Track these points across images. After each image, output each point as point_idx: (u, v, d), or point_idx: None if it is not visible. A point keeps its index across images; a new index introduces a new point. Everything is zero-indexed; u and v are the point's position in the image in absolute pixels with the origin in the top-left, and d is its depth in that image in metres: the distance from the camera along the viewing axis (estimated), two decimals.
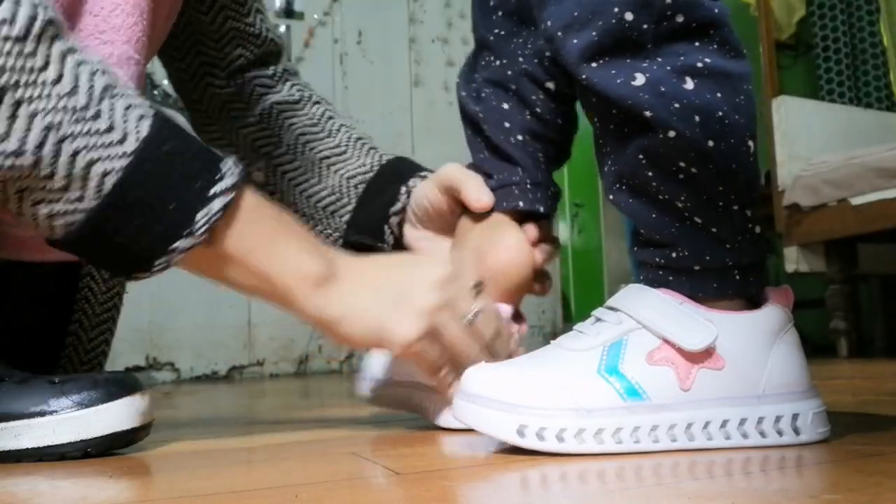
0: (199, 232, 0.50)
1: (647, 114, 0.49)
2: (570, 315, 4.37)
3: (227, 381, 2.23)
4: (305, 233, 0.56)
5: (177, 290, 2.25)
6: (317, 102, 0.82)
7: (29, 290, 0.67)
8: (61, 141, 0.47)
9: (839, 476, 0.42)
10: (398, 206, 0.72)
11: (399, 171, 0.75)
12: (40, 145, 0.47)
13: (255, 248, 0.53)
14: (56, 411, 0.54)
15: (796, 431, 0.50)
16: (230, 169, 0.52)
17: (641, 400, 0.49)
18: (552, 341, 0.54)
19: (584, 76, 0.51)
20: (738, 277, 0.52)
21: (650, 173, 0.51)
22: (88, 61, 0.49)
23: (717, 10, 0.51)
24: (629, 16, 0.49)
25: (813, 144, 2.24)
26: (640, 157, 0.51)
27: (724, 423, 0.50)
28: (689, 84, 0.50)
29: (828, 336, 2.16)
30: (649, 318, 0.51)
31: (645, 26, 0.49)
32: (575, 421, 0.48)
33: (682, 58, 0.50)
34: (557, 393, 0.49)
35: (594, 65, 0.50)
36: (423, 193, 0.70)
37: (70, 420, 0.54)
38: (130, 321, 2.22)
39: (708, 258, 0.51)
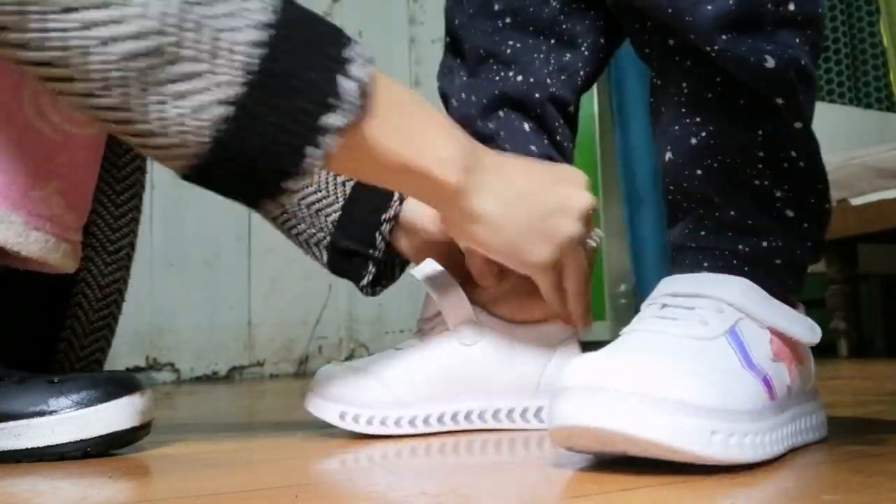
0: (349, 101, 0.44)
1: (779, 100, 0.49)
2: None
3: (227, 381, 2.23)
4: (442, 115, 0.52)
5: (177, 290, 2.25)
6: None
7: (23, 295, 0.67)
8: (199, 11, 0.42)
9: (839, 476, 0.42)
10: (390, 213, 0.66)
11: None
12: (181, 18, 0.41)
13: (400, 127, 0.48)
14: (55, 411, 0.54)
15: (817, 429, 0.51)
16: (355, 38, 0.47)
17: (773, 399, 0.45)
18: (632, 327, 0.48)
19: (716, 47, 0.48)
20: (802, 276, 0.52)
21: (761, 154, 0.50)
22: None
23: (819, 10, 0.51)
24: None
25: None
26: (759, 137, 0.49)
27: (801, 420, 0.48)
28: (797, 80, 0.49)
29: (828, 336, 2.16)
30: (752, 307, 0.47)
31: (769, 5, 0.49)
32: (750, 425, 0.41)
33: (790, 50, 0.49)
34: (728, 392, 0.41)
35: (725, 36, 0.48)
36: (419, 220, 0.65)
37: (69, 420, 0.54)
38: (130, 322, 2.22)
39: (798, 252, 0.51)
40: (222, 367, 2.34)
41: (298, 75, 0.44)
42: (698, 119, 0.51)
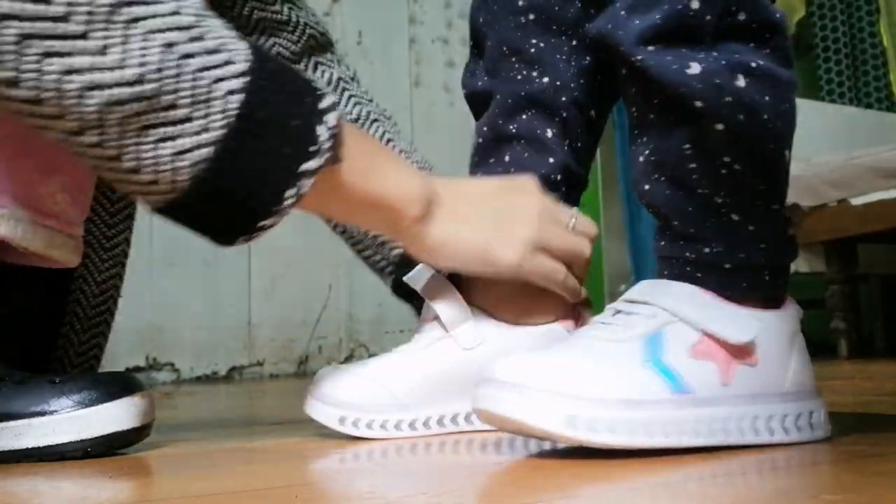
0: (325, 148, 0.48)
1: (698, 104, 0.49)
2: None
3: (227, 381, 2.23)
4: (396, 153, 0.56)
5: (177, 290, 2.26)
6: (375, 121, 0.76)
7: (21, 293, 0.67)
8: (181, 59, 0.43)
9: (839, 476, 0.42)
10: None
11: None
12: (161, 68, 0.43)
13: (366, 169, 0.52)
14: (56, 411, 0.54)
15: (812, 428, 0.51)
16: (324, 87, 0.51)
17: (686, 393, 0.48)
18: (574, 332, 0.53)
19: (638, 57, 0.50)
20: (767, 278, 0.52)
21: (693, 165, 0.51)
22: None
23: (777, 16, 0.52)
24: (695, 4, 0.49)
25: (813, 145, 2.24)
26: (686, 147, 0.51)
27: (755, 420, 0.49)
28: (741, 81, 0.49)
29: (828, 336, 2.16)
30: (687, 311, 0.50)
31: (708, 17, 0.50)
32: (625, 413, 0.46)
33: (736, 55, 0.50)
34: (607, 383, 0.47)
35: (651, 48, 0.50)
36: None
37: (70, 420, 0.54)
38: (130, 321, 2.22)
39: (742, 255, 0.51)
40: (222, 367, 2.34)
41: (279, 122, 0.47)
42: (644, 139, 0.53)
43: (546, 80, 0.64)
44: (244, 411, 1.12)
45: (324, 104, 0.49)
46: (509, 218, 0.58)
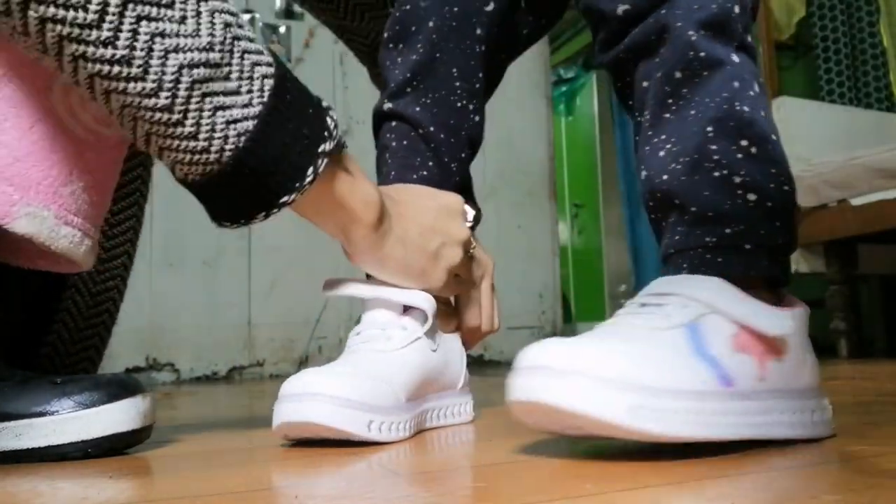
0: (335, 134, 0.53)
1: (736, 84, 0.55)
2: (570, 315, 4.37)
3: (227, 381, 2.23)
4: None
5: (177, 290, 2.26)
6: None
7: (11, 298, 0.66)
8: (235, 40, 0.49)
9: (839, 476, 0.42)
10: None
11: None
12: (223, 41, 0.48)
13: (338, 171, 0.56)
14: (57, 412, 0.54)
15: (823, 424, 0.52)
16: (334, 113, 0.55)
17: (729, 386, 0.47)
18: (611, 319, 0.51)
19: (692, 36, 0.55)
20: (781, 260, 0.54)
21: (714, 146, 0.53)
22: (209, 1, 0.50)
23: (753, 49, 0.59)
24: (737, 9, 0.57)
25: (813, 145, 2.24)
26: (709, 129, 0.54)
27: (782, 415, 0.49)
28: (756, 87, 0.56)
29: (828, 336, 2.16)
30: (722, 303, 0.49)
31: (740, 24, 0.57)
32: (683, 403, 0.44)
33: (751, 64, 0.57)
34: (663, 372, 0.45)
35: (702, 32, 0.55)
36: None
37: (71, 420, 0.54)
38: (130, 321, 2.22)
39: (762, 233, 0.53)
40: (222, 367, 2.34)
41: (301, 107, 0.52)
42: (663, 135, 0.56)
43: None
44: (244, 411, 1.12)
45: (325, 104, 0.55)
46: (443, 246, 0.65)
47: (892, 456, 0.46)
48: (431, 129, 0.71)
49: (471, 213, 0.70)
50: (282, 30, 2.52)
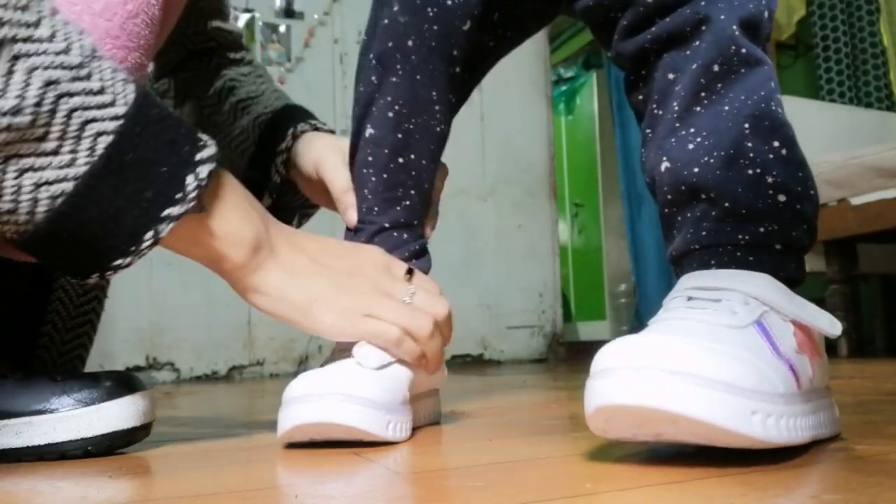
0: (190, 197, 0.50)
1: (772, 84, 0.55)
2: (571, 315, 4.37)
3: (227, 381, 2.23)
4: (248, 196, 0.57)
5: (177, 290, 2.26)
6: (258, 70, 0.88)
7: (2, 290, 0.66)
8: (59, 98, 0.46)
9: (839, 476, 0.42)
10: (283, 145, 0.77)
11: (291, 115, 0.80)
12: (39, 102, 0.45)
13: (210, 215, 0.53)
14: (57, 409, 0.54)
15: (836, 422, 0.52)
16: (209, 140, 0.52)
17: (800, 388, 0.46)
18: (660, 317, 0.48)
19: (735, 31, 0.54)
20: (802, 263, 0.54)
21: (750, 144, 0.53)
22: (71, 21, 0.49)
23: None
24: (766, 13, 0.56)
25: (813, 144, 2.24)
26: (746, 127, 0.53)
27: (820, 414, 0.49)
28: (778, 90, 0.56)
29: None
30: (777, 299, 0.48)
31: (768, 27, 0.57)
32: (781, 407, 0.42)
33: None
34: (765, 376, 0.42)
35: (741, 29, 0.55)
36: (303, 157, 0.76)
37: (71, 418, 0.54)
38: (130, 321, 2.22)
39: (794, 234, 0.53)
40: (222, 366, 2.34)
41: (146, 167, 0.49)
42: (692, 128, 0.55)
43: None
44: (244, 411, 1.12)
45: (202, 155, 0.51)
46: (340, 283, 0.59)
47: (892, 455, 0.46)
48: (412, 157, 0.69)
49: (401, 266, 0.65)
50: (282, 29, 2.52)
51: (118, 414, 0.55)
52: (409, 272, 0.65)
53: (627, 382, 0.39)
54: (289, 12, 2.55)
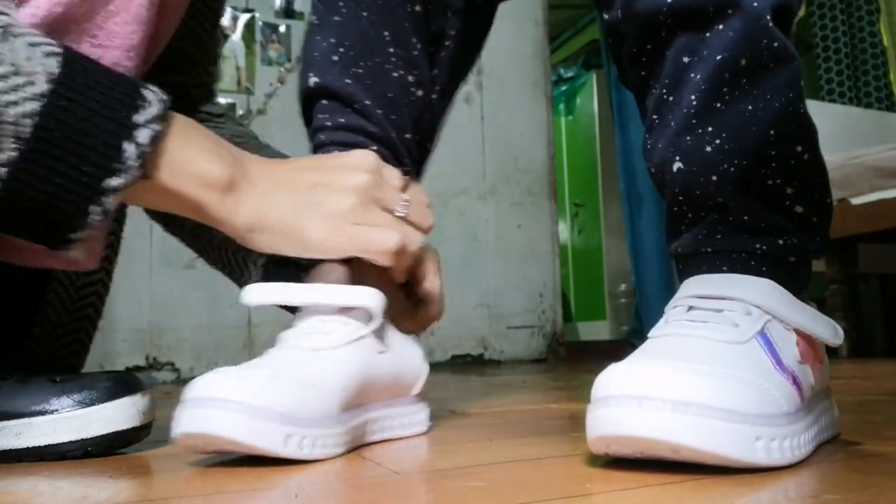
0: (131, 165, 0.48)
1: (803, 83, 0.51)
2: (571, 315, 4.37)
3: None
4: (212, 138, 0.55)
5: (177, 290, 2.25)
6: (239, 125, 0.81)
7: None
8: None
9: (839, 476, 0.42)
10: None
11: None
12: None
13: (170, 166, 0.51)
14: (57, 410, 0.54)
15: (835, 424, 0.52)
16: (156, 96, 0.50)
17: (802, 399, 0.45)
18: (661, 331, 0.47)
19: (768, 21, 0.49)
20: (810, 273, 0.53)
21: (774, 152, 0.50)
22: None
23: None
24: (794, 3, 0.52)
25: None
26: (772, 133, 0.50)
27: (822, 418, 0.49)
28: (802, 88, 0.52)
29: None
30: (779, 307, 0.47)
31: (793, 24, 0.53)
32: (785, 428, 0.41)
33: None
34: (769, 397, 0.41)
35: (773, 20, 0.50)
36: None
37: (71, 419, 0.54)
38: (130, 321, 2.22)
39: (810, 248, 0.52)
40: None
41: (79, 141, 0.47)
42: (710, 129, 0.51)
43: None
44: None
45: (141, 117, 0.49)
46: (322, 192, 0.56)
47: (892, 455, 0.46)
48: (367, 102, 0.61)
49: (394, 172, 0.59)
50: (282, 29, 2.52)
51: (118, 414, 0.55)
52: (407, 175, 0.60)
53: (629, 412, 0.39)
54: (289, 12, 2.55)
